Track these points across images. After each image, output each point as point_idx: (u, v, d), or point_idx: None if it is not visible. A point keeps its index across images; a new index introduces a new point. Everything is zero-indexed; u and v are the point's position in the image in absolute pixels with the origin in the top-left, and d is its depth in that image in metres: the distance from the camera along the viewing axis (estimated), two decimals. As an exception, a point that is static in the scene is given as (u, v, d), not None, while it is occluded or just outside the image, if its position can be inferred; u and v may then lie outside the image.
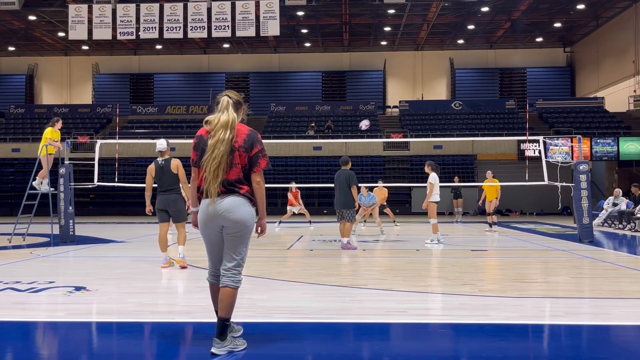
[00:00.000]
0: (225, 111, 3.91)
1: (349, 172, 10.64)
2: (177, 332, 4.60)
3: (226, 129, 3.85)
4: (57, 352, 4.14)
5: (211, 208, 3.84)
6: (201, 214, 3.92)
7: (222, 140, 3.81)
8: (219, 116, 3.90)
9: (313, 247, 11.25)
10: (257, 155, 3.90)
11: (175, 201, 7.92)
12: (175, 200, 7.93)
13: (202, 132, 3.98)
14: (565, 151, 25.23)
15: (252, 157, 3.89)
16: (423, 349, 4.13)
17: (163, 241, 8.08)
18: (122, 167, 22.78)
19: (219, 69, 37.02)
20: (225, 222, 3.85)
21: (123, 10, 23.41)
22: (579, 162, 12.08)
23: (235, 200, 3.85)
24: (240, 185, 3.87)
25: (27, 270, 7.89)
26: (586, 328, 4.69)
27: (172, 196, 7.92)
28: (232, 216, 3.83)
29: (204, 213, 3.90)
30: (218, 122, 3.88)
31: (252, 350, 3.94)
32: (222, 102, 3.94)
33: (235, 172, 3.86)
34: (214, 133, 3.86)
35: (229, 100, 3.94)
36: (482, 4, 27.08)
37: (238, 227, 3.85)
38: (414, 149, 28.31)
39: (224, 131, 3.84)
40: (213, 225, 3.89)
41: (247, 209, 3.88)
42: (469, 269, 8.13)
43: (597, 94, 32.19)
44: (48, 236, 12.58)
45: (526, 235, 14.23)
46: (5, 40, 33.74)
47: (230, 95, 3.97)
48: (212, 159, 3.79)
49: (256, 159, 3.90)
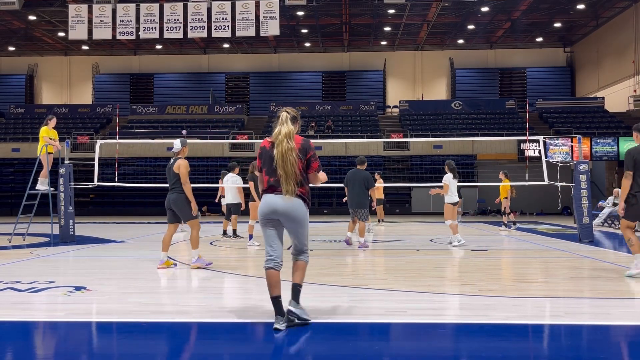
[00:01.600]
0: (285, 124, 4.62)
1: (367, 173, 10.79)
2: (177, 332, 4.60)
3: (289, 139, 4.55)
4: (57, 352, 4.13)
5: (280, 203, 4.52)
6: (264, 207, 4.57)
7: (290, 149, 4.52)
8: (280, 129, 4.61)
9: (313, 247, 11.25)
10: (309, 160, 4.65)
11: (174, 201, 7.86)
12: (175, 200, 7.86)
13: (265, 143, 4.70)
14: (565, 151, 25.24)
15: (307, 160, 4.64)
16: (423, 349, 4.13)
17: (165, 241, 8.02)
18: (122, 167, 22.79)
19: (219, 69, 37.02)
20: (286, 218, 4.57)
21: (123, 10, 23.40)
22: (579, 162, 12.07)
23: (297, 202, 4.56)
24: (301, 187, 4.57)
25: (27, 270, 7.89)
26: (586, 328, 4.69)
27: (172, 195, 7.90)
28: (293, 214, 4.56)
29: (268, 206, 4.55)
30: (280, 133, 4.59)
31: (252, 350, 3.93)
32: (281, 117, 4.66)
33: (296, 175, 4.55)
34: (278, 143, 4.55)
35: (287, 116, 4.66)
36: (482, 4, 27.09)
37: (299, 223, 4.61)
38: (414, 149, 28.32)
39: (288, 141, 4.54)
40: (275, 217, 4.57)
41: (304, 210, 4.63)
42: (469, 269, 8.13)
43: (597, 94, 32.20)
44: (48, 236, 12.57)
45: (526, 235, 14.22)
46: (5, 40, 33.75)
47: (288, 111, 4.70)
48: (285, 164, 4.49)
49: (309, 163, 4.65)
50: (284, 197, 4.51)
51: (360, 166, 10.85)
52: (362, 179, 10.67)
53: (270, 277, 4.60)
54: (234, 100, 36.31)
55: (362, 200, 10.68)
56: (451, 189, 11.57)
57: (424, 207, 27.06)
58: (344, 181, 11.02)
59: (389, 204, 25.16)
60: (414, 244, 12.02)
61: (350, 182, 10.78)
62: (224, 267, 8.23)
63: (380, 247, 11.52)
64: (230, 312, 5.18)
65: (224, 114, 33.41)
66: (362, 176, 10.69)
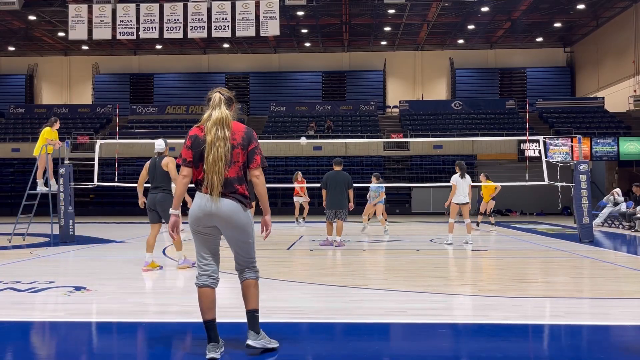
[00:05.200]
0: (218, 108, 3.81)
1: (348, 175, 11.16)
2: (177, 332, 4.60)
3: (221, 126, 3.76)
4: (56, 352, 4.13)
5: (212, 206, 3.76)
6: (197, 210, 3.80)
7: (221, 137, 3.73)
8: (211, 113, 3.81)
9: (313, 247, 11.25)
10: (253, 152, 3.85)
11: (161, 201, 7.73)
12: (162, 200, 7.74)
13: (196, 131, 3.85)
14: (565, 151, 25.23)
15: (248, 153, 3.85)
16: (423, 349, 4.13)
17: (149, 242, 7.85)
18: (122, 167, 22.76)
19: (219, 69, 37.01)
20: (224, 225, 3.83)
21: (123, 10, 23.40)
22: (579, 162, 12.08)
23: (234, 206, 3.79)
24: (239, 184, 3.81)
25: (27, 270, 7.89)
26: (586, 328, 4.69)
27: (158, 195, 7.77)
28: (232, 223, 3.81)
29: (201, 209, 3.79)
30: (210, 119, 3.79)
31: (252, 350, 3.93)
32: (213, 99, 3.85)
33: (235, 170, 3.80)
34: (207, 130, 3.76)
35: (220, 97, 3.85)
36: (482, 4, 27.08)
37: (241, 234, 3.87)
38: (414, 149, 28.31)
39: (221, 129, 3.75)
40: (208, 222, 3.81)
41: (245, 215, 3.85)
42: (469, 269, 8.13)
43: (597, 94, 32.18)
44: (48, 236, 12.57)
45: (526, 235, 14.22)
46: (5, 40, 33.73)
47: (222, 92, 3.89)
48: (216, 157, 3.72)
49: (252, 155, 3.85)
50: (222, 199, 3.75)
51: (339, 167, 11.15)
52: (344, 181, 11.02)
53: (205, 297, 3.85)
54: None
55: (343, 201, 11.00)
56: (459, 189, 11.64)
57: (424, 207, 27.06)
58: (322, 183, 11.20)
59: (389, 204, 25.17)
60: (414, 244, 12.02)
61: (332, 183, 11.02)
62: (223, 267, 8.21)
63: (380, 247, 11.52)
64: (231, 312, 5.18)
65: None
66: (344, 178, 11.04)
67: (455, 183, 11.63)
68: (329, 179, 11.06)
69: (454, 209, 11.78)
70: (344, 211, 11.04)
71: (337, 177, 11.03)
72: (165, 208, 7.70)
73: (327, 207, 11.12)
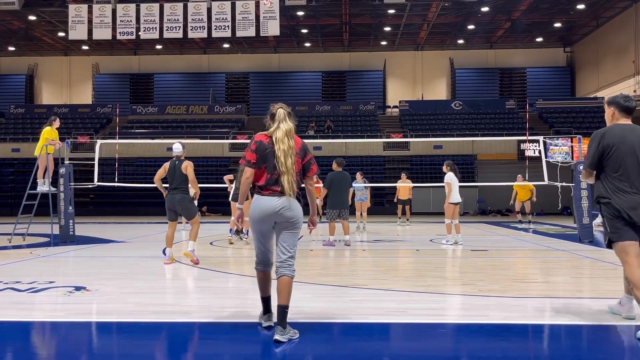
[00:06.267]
0: (285, 121, 4.35)
1: (348, 175, 11.52)
2: (177, 332, 4.60)
3: (290, 137, 4.30)
4: (56, 352, 4.14)
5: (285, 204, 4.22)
6: (259, 209, 4.26)
7: (292, 147, 4.28)
8: (279, 125, 4.33)
9: (313, 247, 11.26)
10: (309, 162, 4.42)
11: (180, 201, 8.32)
12: (181, 200, 8.32)
13: (261, 137, 4.35)
14: (565, 151, 25.22)
15: (304, 164, 4.39)
16: (423, 349, 4.13)
17: (168, 237, 8.53)
18: (122, 167, 22.77)
19: (219, 69, 37.01)
20: (282, 219, 4.26)
21: (123, 10, 23.39)
22: (579, 162, 12.07)
23: (297, 204, 4.33)
24: (297, 187, 4.35)
25: (27, 270, 7.89)
26: (586, 328, 4.69)
27: (177, 196, 8.34)
28: (290, 214, 4.26)
29: (262, 209, 4.25)
30: (278, 129, 4.31)
31: (252, 350, 3.93)
32: (278, 114, 4.39)
33: (296, 175, 4.34)
34: (280, 140, 4.27)
35: (284, 112, 4.39)
36: (482, 4, 27.08)
37: (294, 224, 4.30)
38: (414, 149, 28.32)
39: (288, 140, 4.29)
40: (270, 220, 4.27)
41: (300, 209, 4.36)
42: (469, 269, 8.13)
43: (597, 94, 32.18)
44: (48, 236, 12.57)
45: (526, 235, 14.22)
46: (5, 40, 33.73)
47: (284, 108, 4.45)
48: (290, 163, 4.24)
49: (309, 165, 4.41)
50: (288, 198, 4.24)
51: (341, 167, 11.40)
52: (348, 181, 11.42)
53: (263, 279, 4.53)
54: (234, 100, 36.31)
55: (346, 201, 11.42)
56: (454, 188, 11.61)
57: (424, 207, 27.05)
58: (327, 183, 11.31)
59: (389, 204, 25.18)
60: (414, 244, 12.02)
61: (339, 184, 11.21)
62: (224, 267, 8.24)
63: (381, 247, 11.52)
64: (231, 312, 5.18)
65: (224, 114, 33.42)
66: (347, 178, 11.38)
67: (450, 181, 11.58)
68: (334, 180, 11.17)
69: (450, 209, 11.70)
70: (347, 211, 11.28)
71: (342, 178, 11.25)
72: (184, 207, 8.37)
73: (331, 207, 11.22)
